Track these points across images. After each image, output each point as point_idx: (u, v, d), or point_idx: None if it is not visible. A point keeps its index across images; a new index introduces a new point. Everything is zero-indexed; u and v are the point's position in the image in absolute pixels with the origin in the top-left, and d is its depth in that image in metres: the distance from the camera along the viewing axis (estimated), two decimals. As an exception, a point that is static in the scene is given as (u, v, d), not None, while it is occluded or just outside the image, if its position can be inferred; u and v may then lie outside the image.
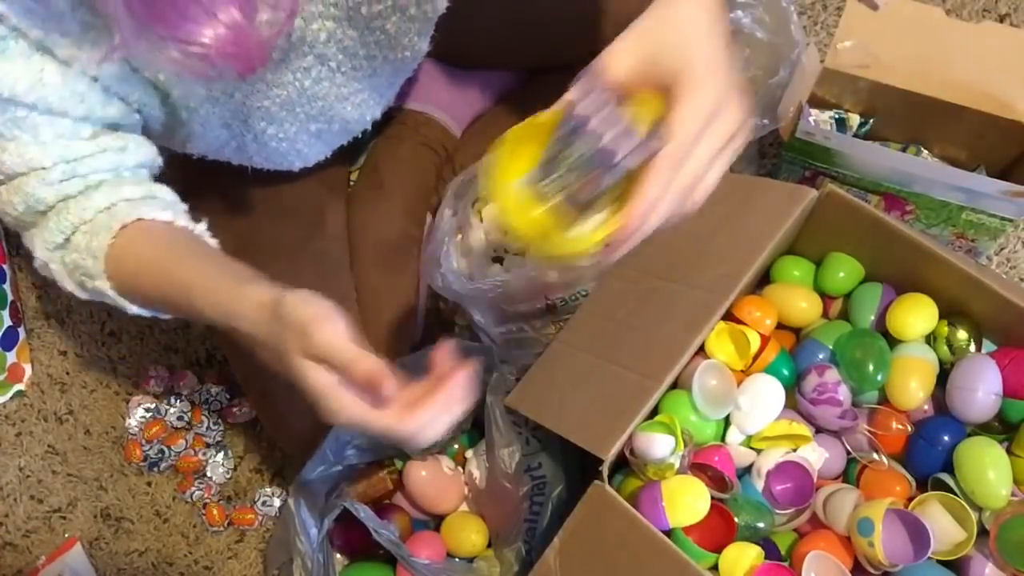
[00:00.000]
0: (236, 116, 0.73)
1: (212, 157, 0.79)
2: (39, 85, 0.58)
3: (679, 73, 0.49)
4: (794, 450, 0.75)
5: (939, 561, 0.68)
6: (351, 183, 1.13)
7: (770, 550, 0.71)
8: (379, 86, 0.83)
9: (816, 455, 0.75)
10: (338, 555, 0.91)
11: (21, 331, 1.13)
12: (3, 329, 1.09)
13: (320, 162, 0.89)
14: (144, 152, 0.68)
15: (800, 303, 0.82)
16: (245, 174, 0.84)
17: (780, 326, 0.82)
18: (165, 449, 1.06)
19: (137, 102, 0.66)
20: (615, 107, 0.50)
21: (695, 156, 0.49)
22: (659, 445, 0.69)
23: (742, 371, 0.77)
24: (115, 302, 0.66)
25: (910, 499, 0.71)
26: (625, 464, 0.74)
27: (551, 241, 0.51)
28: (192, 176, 0.80)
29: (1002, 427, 0.75)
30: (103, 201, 0.65)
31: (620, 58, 0.50)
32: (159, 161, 0.71)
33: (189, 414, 1.08)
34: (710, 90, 0.49)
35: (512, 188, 0.53)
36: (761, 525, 0.71)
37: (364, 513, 0.81)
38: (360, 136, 0.90)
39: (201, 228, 0.70)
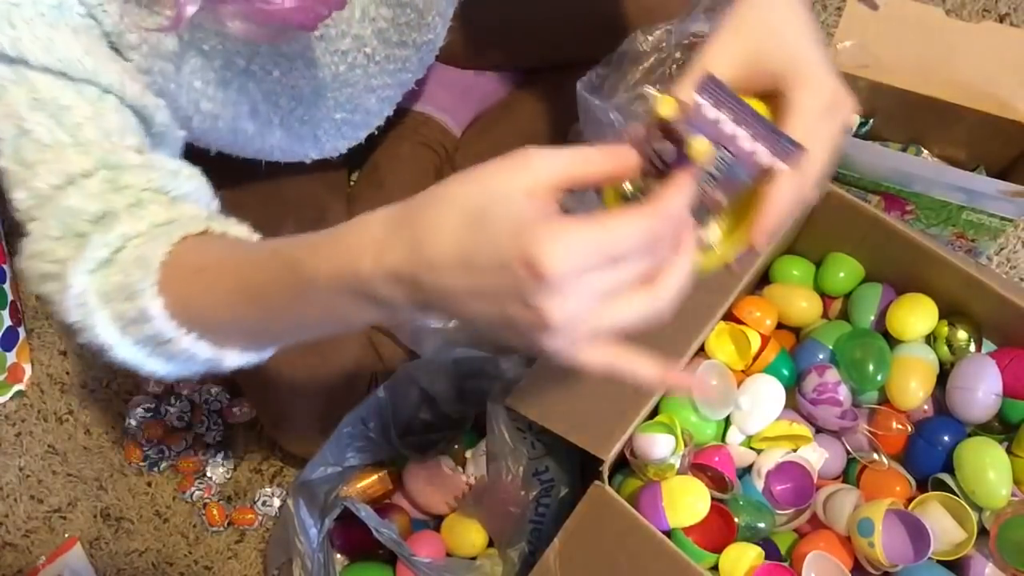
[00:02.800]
0: (268, 96, 0.73)
1: (226, 149, 0.79)
2: (88, 59, 0.54)
3: (787, 74, 0.48)
4: (794, 450, 0.75)
5: (939, 561, 0.68)
6: (351, 183, 1.13)
7: (770, 550, 0.71)
8: (404, 83, 0.85)
9: (816, 455, 0.75)
10: (338, 555, 0.91)
11: (21, 331, 1.13)
12: (3, 329, 1.09)
13: (322, 162, 0.89)
14: (197, 184, 0.59)
15: (800, 303, 0.82)
16: (246, 173, 0.84)
17: (780, 326, 0.82)
18: (165, 449, 1.06)
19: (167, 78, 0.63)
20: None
21: (814, 158, 0.47)
22: (659, 445, 0.69)
23: (742, 371, 0.77)
24: (159, 337, 0.51)
25: (910, 499, 0.71)
26: (625, 464, 0.74)
27: None
28: None
29: (1002, 427, 0.75)
30: (161, 215, 0.54)
31: (719, 63, 0.48)
32: (215, 203, 0.62)
33: (189, 414, 1.08)
34: (825, 88, 0.48)
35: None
36: (761, 525, 0.71)
37: (365, 512, 0.81)
38: (365, 139, 0.91)
39: None
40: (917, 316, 0.76)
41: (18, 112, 0.53)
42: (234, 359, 0.54)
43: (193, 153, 0.77)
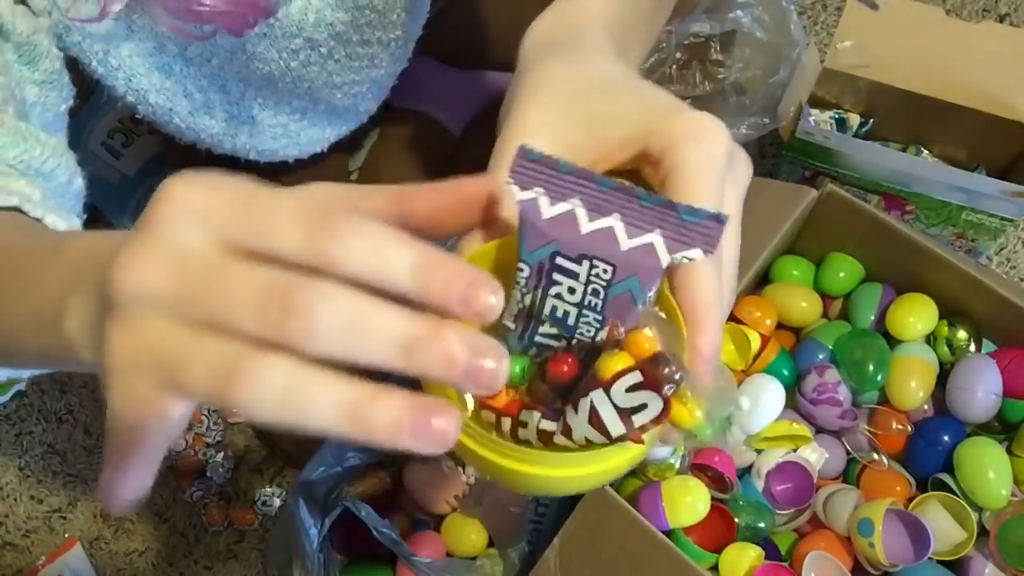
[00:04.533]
0: (213, 81, 0.71)
1: (204, 144, 0.78)
2: None
3: (655, 129, 0.32)
4: (794, 450, 0.75)
5: (939, 561, 0.68)
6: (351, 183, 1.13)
7: (770, 550, 0.71)
8: (378, 79, 0.83)
9: (816, 455, 0.75)
10: (338, 555, 0.91)
11: (21, 331, 1.13)
12: (3, 329, 1.09)
13: (319, 160, 0.89)
14: (51, 158, 0.52)
15: (800, 303, 0.82)
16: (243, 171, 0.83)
17: (780, 326, 0.82)
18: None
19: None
20: None
21: (730, 237, 0.34)
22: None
23: (742, 371, 0.77)
24: None
25: (910, 499, 0.71)
26: (625, 464, 0.74)
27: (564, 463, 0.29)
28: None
29: (1002, 427, 0.75)
30: None
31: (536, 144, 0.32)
32: (77, 183, 0.56)
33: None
34: (718, 135, 0.32)
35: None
36: (761, 525, 0.71)
37: (365, 512, 0.81)
38: (359, 132, 0.90)
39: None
40: (917, 316, 0.76)
41: None
42: None
43: (186, 158, 0.77)
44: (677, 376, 0.27)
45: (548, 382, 0.30)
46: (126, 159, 1.09)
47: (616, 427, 0.28)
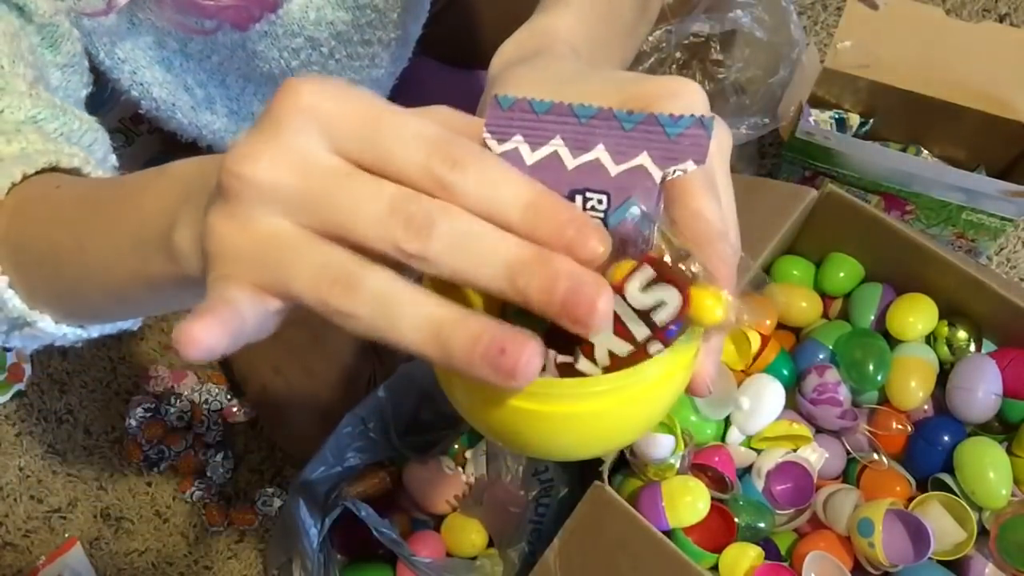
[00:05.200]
0: (213, 76, 0.71)
1: (206, 141, 0.78)
2: None
3: (629, 95, 0.32)
4: (794, 450, 0.75)
5: (939, 561, 0.68)
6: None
7: (770, 550, 0.71)
8: (378, 79, 0.83)
9: (816, 455, 0.75)
10: (338, 555, 0.91)
11: (21, 331, 1.13)
12: (3, 329, 1.09)
13: None
14: (89, 133, 0.53)
15: (800, 303, 0.82)
16: None
17: (780, 326, 0.82)
18: (165, 449, 1.06)
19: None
20: None
21: (723, 173, 0.34)
22: (659, 445, 0.69)
23: (742, 371, 0.77)
24: None
25: (910, 499, 0.71)
26: (625, 464, 0.74)
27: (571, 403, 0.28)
28: None
29: (1002, 427, 0.75)
30: (36, 143, 0.46)
31: None
32: (111, 160, 0.57)
33: (189, 414, 1.08)
34: (692, 91, 0.31)
35: None
36: (761, 525, 0.71)
37: (365, 512, 0.81)
38: None
39: None
40: (917, 316, 0.76)
41: None
42: (48, 327, 0.44)
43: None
44: (693, 267, 0.27)
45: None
46: (126, 159, 1.09)
47: (640, 330, 0.27)
